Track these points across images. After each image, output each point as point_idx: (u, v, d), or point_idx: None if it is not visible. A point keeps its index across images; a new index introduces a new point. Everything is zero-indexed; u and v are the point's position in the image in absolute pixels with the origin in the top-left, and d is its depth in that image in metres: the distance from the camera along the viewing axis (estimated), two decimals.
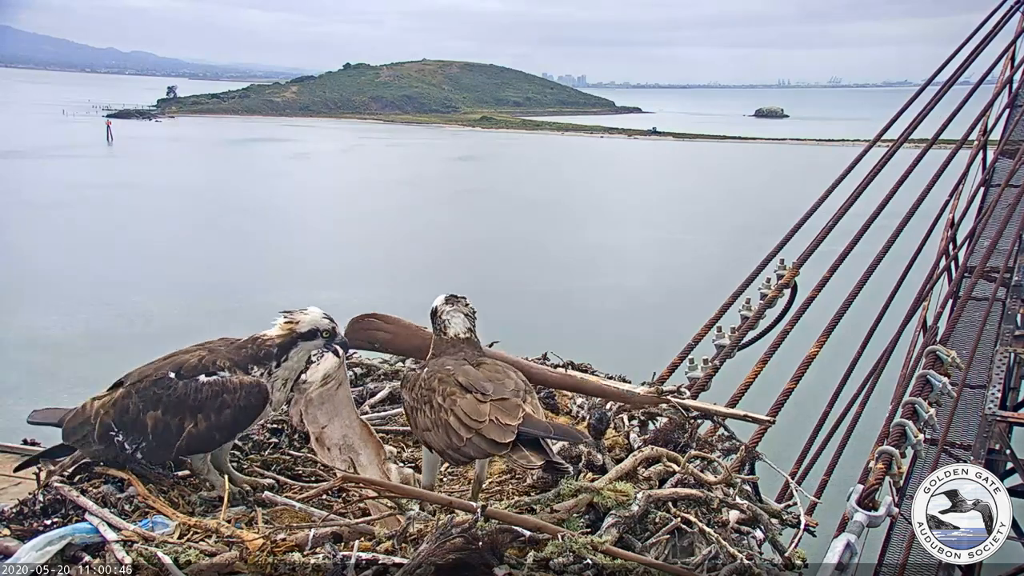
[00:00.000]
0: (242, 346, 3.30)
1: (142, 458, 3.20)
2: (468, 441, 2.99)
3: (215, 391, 3.16)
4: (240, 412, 3.19)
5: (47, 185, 47.93)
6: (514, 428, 2.95)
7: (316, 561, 2.59)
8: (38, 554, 2.72)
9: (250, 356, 3.26)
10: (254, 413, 3.25)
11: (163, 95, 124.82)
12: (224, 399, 3.16)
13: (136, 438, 3.16)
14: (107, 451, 3.20)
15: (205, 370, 3.20)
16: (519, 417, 2.98)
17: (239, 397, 3.18)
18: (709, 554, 2.87)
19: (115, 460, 3.22)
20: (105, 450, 3.20)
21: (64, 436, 3.29)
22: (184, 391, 3.16)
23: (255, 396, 3.22)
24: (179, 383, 3.17)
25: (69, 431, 3.27)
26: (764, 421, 4.06)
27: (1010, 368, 8.94)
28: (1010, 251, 9.89)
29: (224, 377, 3.19)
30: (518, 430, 2.94)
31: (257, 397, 3.22)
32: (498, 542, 2.64)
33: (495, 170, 64.91)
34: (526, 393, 3.17)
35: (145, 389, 3.19)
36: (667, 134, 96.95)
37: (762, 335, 6.50)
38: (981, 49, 11.49)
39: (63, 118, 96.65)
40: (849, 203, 8.17)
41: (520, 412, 3.00)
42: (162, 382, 3.18)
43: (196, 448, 3.22)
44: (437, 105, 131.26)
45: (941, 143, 9.62)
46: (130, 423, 3.16)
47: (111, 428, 3.18)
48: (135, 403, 3.17)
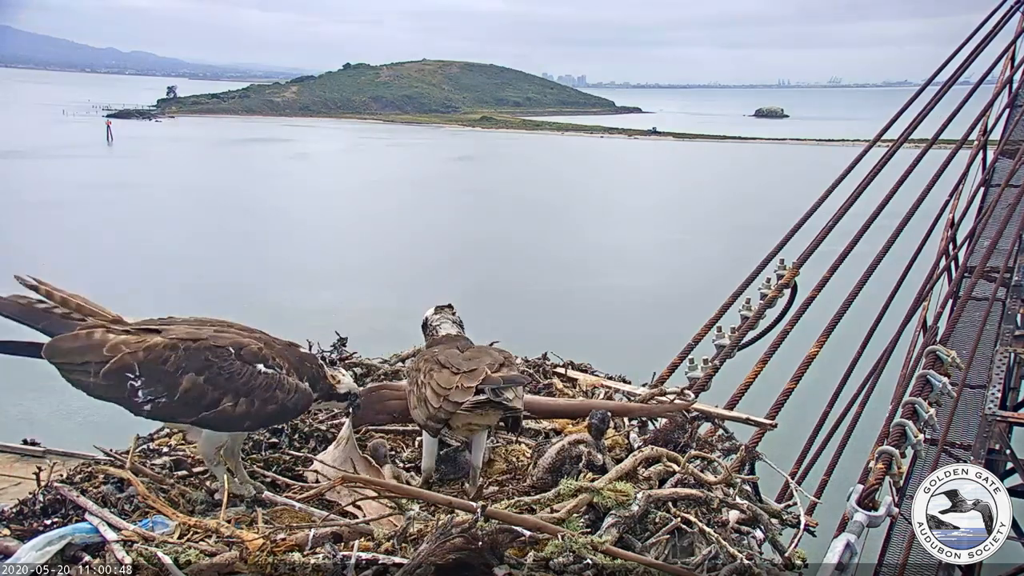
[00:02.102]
0: (305, 359, 3.38)
1: (150, 411, 3.07)
2: (439, 408, 3.35)
3: (270, 383, 3.17)
4: (282, 411, 3.25)
5: (47, 185, 47.91)
6: (472, 388, 3.31)
7: (316, 561, 2.59)
8: (38, 554, 2.72)
9: (307, 371, 3.34)
10: (292, 416, 3.41)
11: (163, 95, 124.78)
12: (276, 394, 3.17)
13: (158, 391, 3.05)
14: (107, 388, 3.05)
15: (264, 361, 3.20)
16: (479, 379, 3.34)
17: (290, 398, 3.22)
18: (709, 554, 2.87)
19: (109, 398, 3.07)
20: (106, 387, 3.04)
21: (51, 353, 3.08)
22: (240, 371, 3.13)
23: (301, 403, 3.29)
24: (237, 362, 3.14)
25: (59, 351, 3.08)
26: (766, 425, 4.07)
27: (1010, 368, 8.94)
28: (1010, 251, 9.89)
29: (281, 374, 3.22)
30: (476, 388, 3.31)
31: (303, 404, 3.31)
32: (498, 542, 2.64)
33: (495, 170, 64.91)
34: (500, 365, 3.48)
35: (197, 351, 3.10)
36: (667, 134, 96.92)
37: (762, 335, 6.50)
38: (981, 49, 11.49)
39: (63, 118, 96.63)
40: (849, 203, 8.18)
41: (481, 376, 3.35)
42: (220, 352, 3.13)
43: (220, 425, 3.15)
44: (437, 105, 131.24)
45: (941, 143, 9.62)
46: (160, 375, 3.04)
47: (131, 370, 3.04)
48: (178, 358, 3.07)
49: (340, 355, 4.62)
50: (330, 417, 4.06)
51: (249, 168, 61.26)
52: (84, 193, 45.53)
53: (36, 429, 3.48)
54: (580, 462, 3.45)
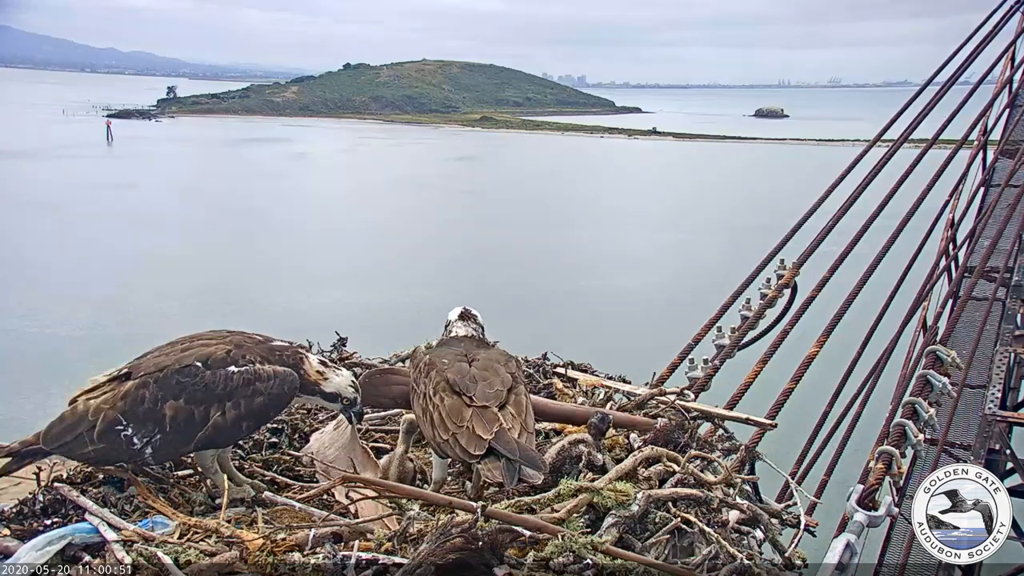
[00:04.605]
0: (276, 350, 3.28)
1: (151, 453, 3.07)
2: (446, 441, 3.23)
3: (247, 379, 3.12)
4: (272, 400, 3.18)
5: (47, 185, 47.92)
6: (485, 443, 3.15)
7: (316, 561, 2.58)
8: (38, 554, 2.72)
9: (279, 360, 3.25)
10: (285, 401, 3.26)
11: (163, 95, 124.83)
12: (257, 387, 3.12)
13: (149, 430, 3.04)
14: (108, 450, 3.06)
15: (235, 362, 3.15)
16: (492, 432, 3.18)
17: (272, 384, 3.16)
18: (709, 554, 2.86)
19: (115, 459, 3.11)
20: (106, 449, 3.06)
21: (46, 443, 3.09)
22: (212, 379, 3.08)
23: (288, 384, 3.21)
24: (206, 372, 3.10)
25: (53, 437, 3.08)
26: (765, 425, 4.07)
27: (1010, 368, 8.93)
28: (1010, 251, 9.88)
29: (256, 367, 3.17)
30: (489, 445, 3.14)
31: (290, 386, 3.22)
32: (498, 542, 2.64)
33: (495, 170, 64.92)
34: (510, 392, 3.37)
35: (166, 378, 3.08)
36: (667, 134, 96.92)
37: (762, 335, 6.50)
38: (981, 49, 11.49)
39: (63, 118, 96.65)
40: (849, 203, 8.18)
41: (496, 426, 3.19)
42: (188, 371, 3.09)
43: (219, 440, 3.14)
44: (437, 105, 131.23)
45: (941, 143, 9.62)
46: (144, 414, 3.04)
47: (118, 422, 3.04)
48: (152, 393, 3.06)
49: (340, 355, 4.63)
50: (330, 416, 4.05)
51: (249, 168, 61.26)
52: (84, 193, 45.52)
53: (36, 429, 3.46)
54: (580, 462, 3.45)
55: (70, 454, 3.11)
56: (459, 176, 59.51)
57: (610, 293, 27.48)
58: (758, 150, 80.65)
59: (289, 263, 31.79)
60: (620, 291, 27.85)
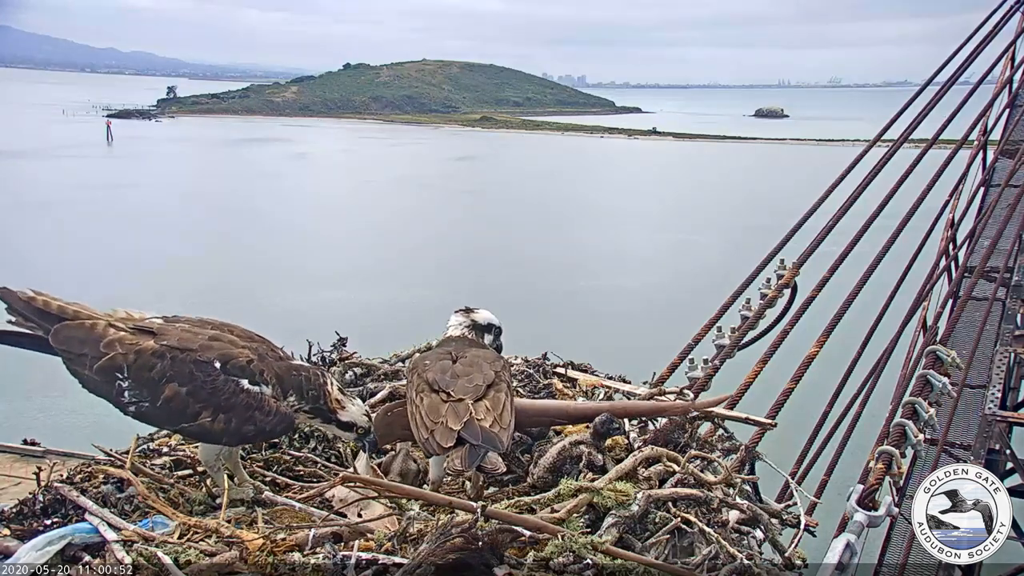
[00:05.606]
0: (294, 370, 3.27)
1: (133, 412, 3.08)
2: (427, 440, 3.24)
3: (249, 403, 3.11)
4: (259, 434, 3.20)
5: (47, 185, 47.89)
6: (455, 434, 3.16)
7: (316, 561, 2.58)
8: (38, 554, 2.72)
9: (295, 385, 3.25)
10: (270, 438, 3.33)
11: (163, 95, 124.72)
12: (255, 415, 3.12)
13: (142, 395, 3.05)
14: (98, 384, 3.07)
15: (251, 376, 3.14)
16: (462, 422, 3.19)
17: (269, 421, 3.16)
18: (709, 554, 2.86)
19: (99, 394, 3.09)
20: (97, 382, 3.07)
21: (57, 338, 3.09)
22: (222, 387, 3.08)
23: (280, 427, 3.23)
24: (220, 377, 3.09)
25: (63, 338, 3.09)
26: (766, 424, 4.07)
27: (1010, 368, 8.93)
28: (1010, 251, 9.88)
29: (265, 395, 3.15)
30: (458, 435, 3.16)
31: (282, 428, 3.25)
32: (498, 542, 2.64)
33: (495, 170, 64.89)
34: (490, 388, 3.36)
35: (181, 362, 3.08)
36: (667, 134, 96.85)
37: (762, 335, 6.50)
38: (981, 49, 11.48)
39: (63, 118, 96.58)
40: (849, 203, 8.17)
41: (466, 416, 3.20)
42: (204, 367, 3.09)
43: (199, 437, 3.18)
44: (437, 105, 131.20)
45: (941, 143, 9.61)
46: (145, 380, 3.05)
47: (120, 369, 3.05)
48: (162, 368, 3.06)
49: (340, 355, 4.63)
50: None
51: (249, 168, 61.23)
52: (84, 193, 45.51)
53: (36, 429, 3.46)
54: (580, 462, 3.45)
55: (68, 362, 3.11)
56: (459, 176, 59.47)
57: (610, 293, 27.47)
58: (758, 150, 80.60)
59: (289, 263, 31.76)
60: (620, 291, 27.84)
